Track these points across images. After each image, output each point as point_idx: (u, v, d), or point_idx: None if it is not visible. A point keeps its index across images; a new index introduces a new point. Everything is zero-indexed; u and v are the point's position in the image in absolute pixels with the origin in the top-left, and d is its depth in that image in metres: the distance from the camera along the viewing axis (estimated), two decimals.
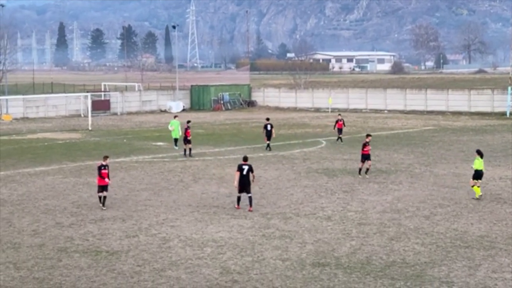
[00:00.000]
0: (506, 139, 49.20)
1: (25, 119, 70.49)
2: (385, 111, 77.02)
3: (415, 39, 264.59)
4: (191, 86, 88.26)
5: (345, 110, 78.39)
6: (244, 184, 25.34)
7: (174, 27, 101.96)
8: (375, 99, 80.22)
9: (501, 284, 17.11)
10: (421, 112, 74.49)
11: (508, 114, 70.54)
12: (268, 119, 44.57)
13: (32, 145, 47.37)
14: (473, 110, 73.30)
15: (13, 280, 17.73)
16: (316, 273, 18.12)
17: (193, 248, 20.46)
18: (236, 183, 25.47)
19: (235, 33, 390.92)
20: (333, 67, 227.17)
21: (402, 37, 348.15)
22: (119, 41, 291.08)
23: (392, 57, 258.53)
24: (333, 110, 78.29)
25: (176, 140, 43.76)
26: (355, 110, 78.32)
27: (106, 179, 25.88)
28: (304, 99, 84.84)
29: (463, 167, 35.31)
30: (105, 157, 26.79)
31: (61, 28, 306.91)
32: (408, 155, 40.80)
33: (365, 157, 32.45)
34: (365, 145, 32.45)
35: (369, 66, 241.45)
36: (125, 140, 49.67)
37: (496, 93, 75.23)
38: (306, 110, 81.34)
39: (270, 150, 42.42)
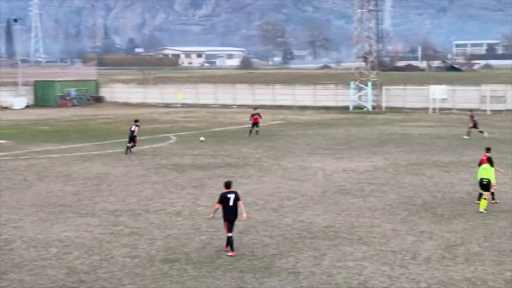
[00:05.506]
0: (349, 132, 51.08)
1: None
2: (234, 106, 77.88)
3: (262, 35, 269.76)
4: (35, 81, 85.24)
5: (195, 106, 78.64)
6: (233, 219, 19.28)
7: (15, 20, 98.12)
8: (225, 94, 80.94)
9: (344, 272, 17.70)
10: (269, 107, 75.90)
11: (351, 108, 73.32)
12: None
13: None
14: (318, 104, 75.56)
15: None
16: (165, 269, 17.99)
17: (37, 249, 19.74)
18: (213, 215, 19.81)
19: (82, 28, 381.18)
20: (183, 63, 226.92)
21: (251, 33, 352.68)
22: None
23: (241, 53, 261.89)
24: (183, 105, 78.26)
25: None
26: (204, 106, 78.64)
27: None
28: (154, 94, 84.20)
29: (309, 160, 36.31)
30: None
31: None
32: (257, 149, 41.42)
33: None
34: None
35: (218, 62, 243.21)
36: None
37: (340, 88, 77.96)
38: (156, 105, 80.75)
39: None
